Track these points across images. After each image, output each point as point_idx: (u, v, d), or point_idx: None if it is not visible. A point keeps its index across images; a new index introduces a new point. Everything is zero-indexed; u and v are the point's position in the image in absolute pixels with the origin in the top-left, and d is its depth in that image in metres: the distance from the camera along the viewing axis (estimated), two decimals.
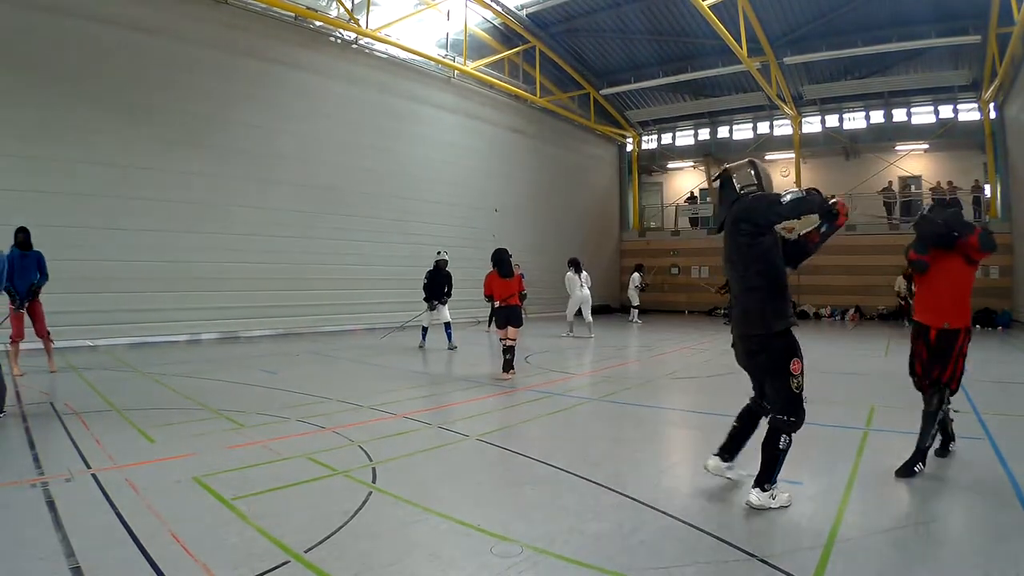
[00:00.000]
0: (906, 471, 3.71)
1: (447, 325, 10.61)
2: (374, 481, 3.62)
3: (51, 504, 3.13)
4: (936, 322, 3.92)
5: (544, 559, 2.60)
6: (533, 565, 2.54)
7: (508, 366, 7.47)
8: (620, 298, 23.77)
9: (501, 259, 7.64)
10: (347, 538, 2.80)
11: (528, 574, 2.47)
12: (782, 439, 3.22)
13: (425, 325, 10.74)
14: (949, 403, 3.96)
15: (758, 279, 3.22)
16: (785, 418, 3.22)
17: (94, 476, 3.60)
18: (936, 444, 4.02)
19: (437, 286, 10.52)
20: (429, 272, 10.67)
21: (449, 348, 10.38)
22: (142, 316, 10.82)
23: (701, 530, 2.89)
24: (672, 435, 5.19)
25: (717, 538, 2.79)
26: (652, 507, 3.19)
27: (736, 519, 3.07)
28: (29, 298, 7.30)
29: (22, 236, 7.38)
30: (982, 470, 3.88)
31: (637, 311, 17.51)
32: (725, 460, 3.55)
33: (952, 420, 4.14)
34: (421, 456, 4.26)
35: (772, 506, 3.22)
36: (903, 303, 16.97)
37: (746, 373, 3.52)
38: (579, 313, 13.18)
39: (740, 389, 6.87)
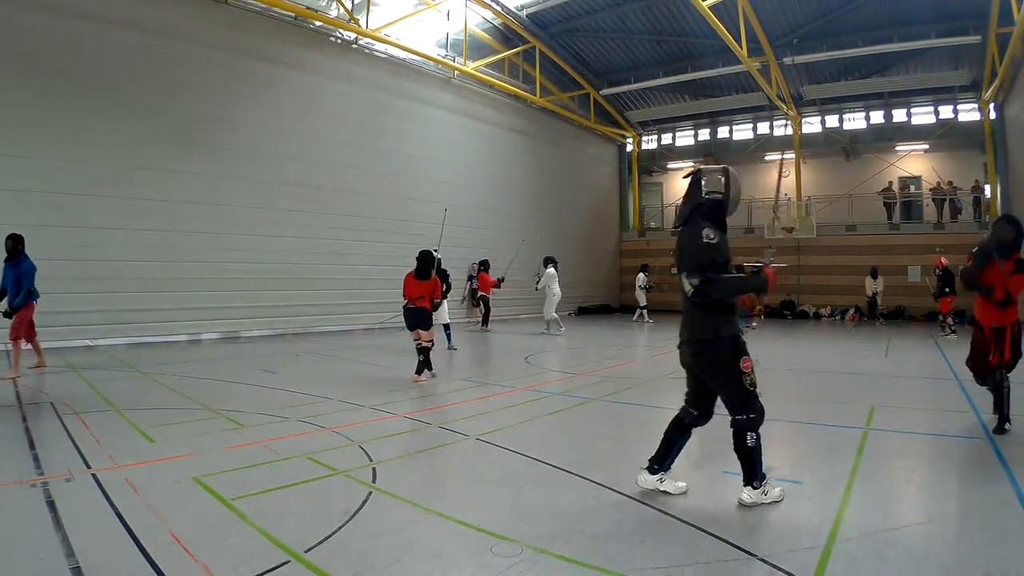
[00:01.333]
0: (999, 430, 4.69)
1: (446, 326, 10.54)
2: (374, 481, 3.62)
3: (51, 504, 3.13)
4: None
5: (544, 559, 2.60)
6: (533, 565, 2.54)
7: (421, 368, 7.23)
8: (620, 298, 23.79)
9: (421, 260, 7.41)
10: (347, 538, 2.80)
11: (528, 574, 2.47)
12: (748, 437, 3.23)
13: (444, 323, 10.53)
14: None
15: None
16: (744, 417, 3.23)
17: (94, 476, 3.60)
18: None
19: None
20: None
21: (449, 349, 10.35)
22: (142, 316, 10.82)
23: (701, 530, 2.89)
24: None
25: (717, 538, 2.79)
26: (652, 507, 3.19)
27: (736, 519, 3.07)
28: (9, 315, 7.13)
29: (10, 244, 7.14)
30: (982, 470, 3.88)
31: (646, 311, 17.59)
32: (654, 472, 3.43)
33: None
34: (421, 456, 4.26)
35: (765, 501, 3.23)
36: (870, 301, 16.99)
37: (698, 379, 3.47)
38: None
39: None
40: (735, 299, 3.36)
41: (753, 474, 3.24)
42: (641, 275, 17.62)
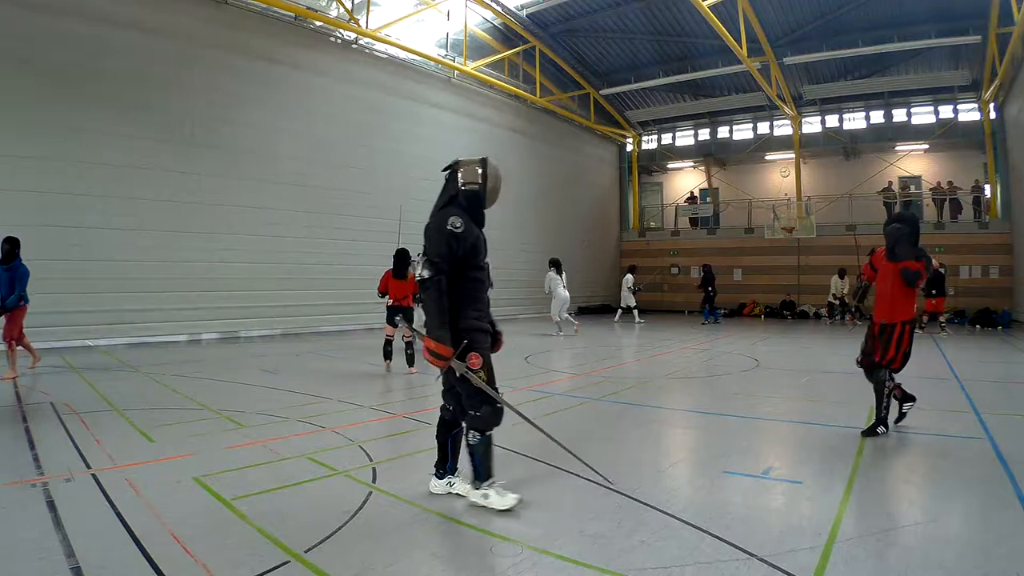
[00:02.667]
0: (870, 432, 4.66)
1: None
2: (374, 481, 3.62)
3: (51, 504, 3.13)
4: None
5: (544, 559, 2.60)
6: (533, 565, 2.54)
7: (411, 360, 7.79)
8: (620, 298, 23.76)
9: (398, 260, 7.79)
10: (347, 538, 2.80)
11: (528, 574, 2.47)
12: (471, 435, 3.18)
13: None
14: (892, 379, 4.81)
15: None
16: (472, 414, 3.17)
17: (94, 476, 3.60)
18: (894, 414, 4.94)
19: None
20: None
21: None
22: (142, 316, 10.82)
23: (701, 530, 2.89)
24: (672, 435, 5.19)
25: (717, 538, 2.79)
26: (652, 507, 3.19)
27: (736, 519, 3.06)
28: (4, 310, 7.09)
29: (7, 247, 7.12)
30: (982, 470, 3.88)
31: (637, 311, 17.54)
32: (440, 476, 3.39)
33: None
34: (421, 456, 4.25)
35: (482, 504, 3.15)
36: (837, 301, 16.99)
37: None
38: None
39: (739, 389, 6.89)
40: (478, 294, 3.24)
41: (476, 473, 3.20)
42: (629, 276, 17.68)
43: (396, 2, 14.95)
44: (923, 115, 19.89)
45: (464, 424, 3.23)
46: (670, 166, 24.84)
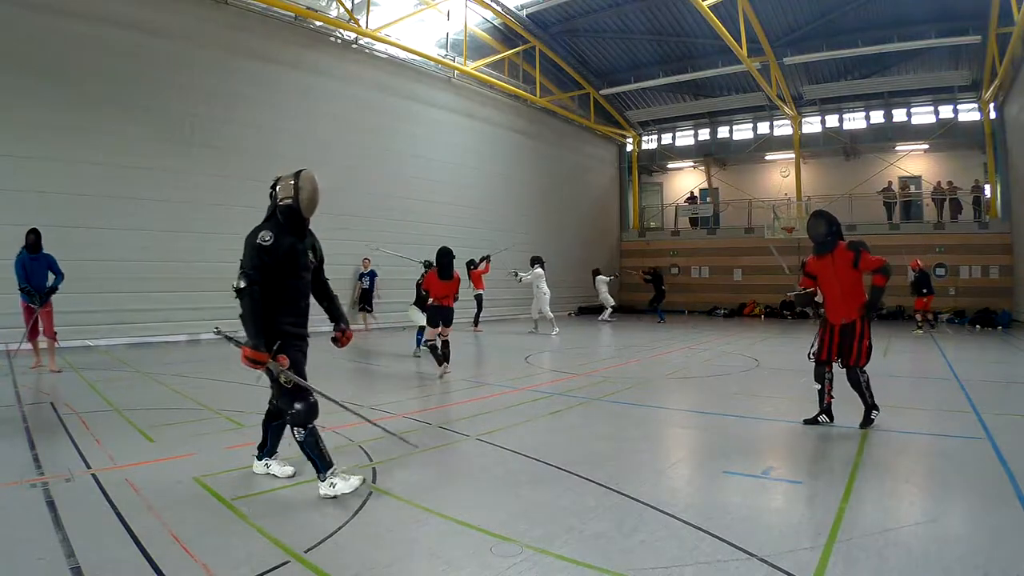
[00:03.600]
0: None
1: (421, 328, 10.39)
2: (374, 481, 3.62)
3: (51, 504, 3.13)
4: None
5: (544, 559, 2.60)
6: (533, 565, 2.54)
7: (444, 359, 7.54)
8: (620, 298, 23.74)
9: (443, 261, 7.59)
10: (347, 538, 2.80)
11: (528, 574, 2.47)
12: (296, 432, 3.33)
13: (421, 325, 10.43)
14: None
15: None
16: (289, 412, 3.31)
17: (94, 476, 3.60)
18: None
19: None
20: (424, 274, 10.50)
21: (414, 355, 10.16)
22: (142, 316, 10.81)
23: (701, 530, 2.89)
24: (672, 435, 5.19)
25: (717, 538, 2.79)
26: (652, 507, 3.19)
27: (736, 519, 3.06)
28: (45, 298, 7.51)
29: (33, 238, 7.51)
30: (982, 470, 3.88)
31: (609, 311, 18.02)
32: (259, 459, 3.67)
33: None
34: (421, 456, 4.26)
35: (334, 493, 3.26)
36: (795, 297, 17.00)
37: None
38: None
39: (739, 389, 6.89)
40: (295, 301, 3.59)
41: (317, 467, 3.33)
42: (601, 276, 18.09)
43: (396, 2, 14.95)
44: (923, 115, 19.89)
45: (287, 422, 3.39)
46: (670, 166, 24.84)
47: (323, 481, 3.30)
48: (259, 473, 3.68)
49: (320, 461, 3.32)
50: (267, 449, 3.73)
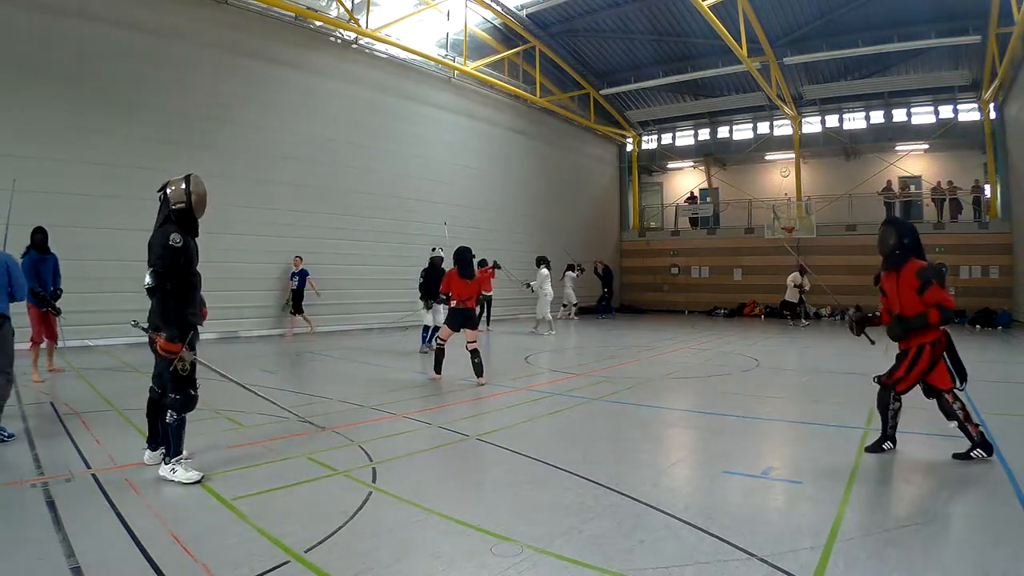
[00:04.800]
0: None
1: (430, 328, 10.16)
2: (374, 481, 3.62)
3: (51, 504, 3.13)
4: None
5: (544, 559, 2.60)
6: (533, 565, 2.54)
7: (480, 370, 7.06)
8: (620, 298, 23.76)
9: (463, 258, 7.22)
10: (347, 538, 2.80)
11: (528, 574, 2.47)
12: (169, 415, 3.59)
13: (427, 324, 10.24)
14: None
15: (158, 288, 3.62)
16: (172, 397, 3.60)
17: (94, 476, 3.60)
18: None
19: (432, 285, 9.92)
20: (424, 270, 10.39)
21: (421, 351, 10.11)
22: (142, 316, 10.77)
23: (701, 530, 2.89)
24: (672, 435, 5.19)
25: (717, 538, 2.79)
26: (652, 507, 3.19)
27: (736, 519, 3.06)
28: (52, 301, 7.23)
29: (40, 236, 7.31)
30: (982, 470, 3.88)
31: (575, 308, 18.19)
32: (154, 449, 3.85)
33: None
34: (421, 456, 4.26)
35: (172, 479, 3.51)
36: (796, 301, 16.88)
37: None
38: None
39: (740, 389, 6.89)
40: (192, 296, 3.77)
41: (168, 451, 3.60)
42: (569, 273, 17.99)
43: (396, 2, 14.95)
44: (923, 115, 19.88)
45: (164, 404, 3.66)
46: (670, 166, 24.84)
47: (167, 465, 3.56)
48: (151, 463, 3.78)
49: (177, 447, 3.59)
50: (160, 437, 3.80)
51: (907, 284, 4.11)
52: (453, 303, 7.27)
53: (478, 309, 14.52)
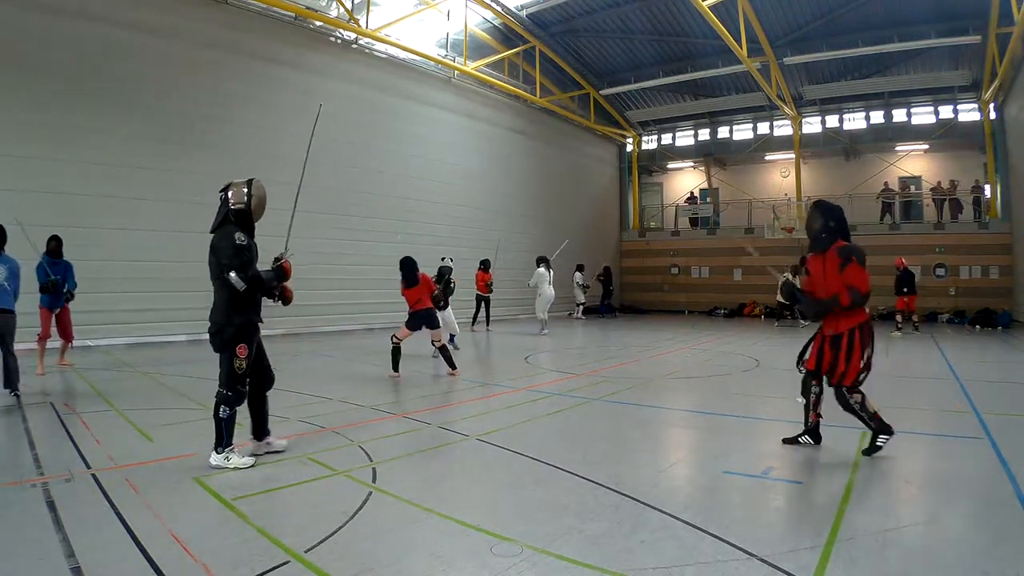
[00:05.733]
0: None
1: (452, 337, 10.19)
2: (374, 481, 3.62)
3: (51, 504, 3.13)
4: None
5: (544, 559, 2.60)
6: (533, 565, 2.54)
7: (451, 363, 7.63)
8: (621, 298, 23.77)
9: (405, 267, 7.66)
10: (347, 538, 2.80)
11: (528, 574, 2.47)
12: (221, 409, 3.78)
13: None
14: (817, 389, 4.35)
15: (222, 285, 3.86)
16: (225, 391, 3.79)
17: (94, 476, 3.60)
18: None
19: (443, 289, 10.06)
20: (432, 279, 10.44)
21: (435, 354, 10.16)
22: (142, 316, 10.81)
23: (701, 530, 2.89)
24: (672, 435, 5.19)
25: (717, 538, 2.79)
26: (652, 507, 3.19)
27: (736, 519, 3.07)
28: (62, 301, 7.80)
29: (54, 244, 7.89)
30: (982, 470, 3.88)
31: (581, 308, 18.69)
32: (260, 439, 4.08)
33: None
34: (421, 456, 4.26)
35: (227, 466, 3.76)
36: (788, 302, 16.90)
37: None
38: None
39: (740, 389, 6.89)
40: (259, 294, 4.06)
41: (220, 441, 3.80)
42: (578, 274, 18.42)
43: (396, 2, 14.95)
44: (923, 115, 19.88)
45: (216, 397, 3.83)
46: (670, 166, 24.84)
47: (219, 454, 3.79)
48: (256, 453, 4.01)
49: (227, 437, 3.80)
50: (261, 431, 4.09)
51: (832, 264, 4.15)
52: (410, 310, 7.73)
53: (481, 307, 14.59)
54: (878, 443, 4.12)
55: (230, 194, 3.98)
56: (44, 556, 2.57)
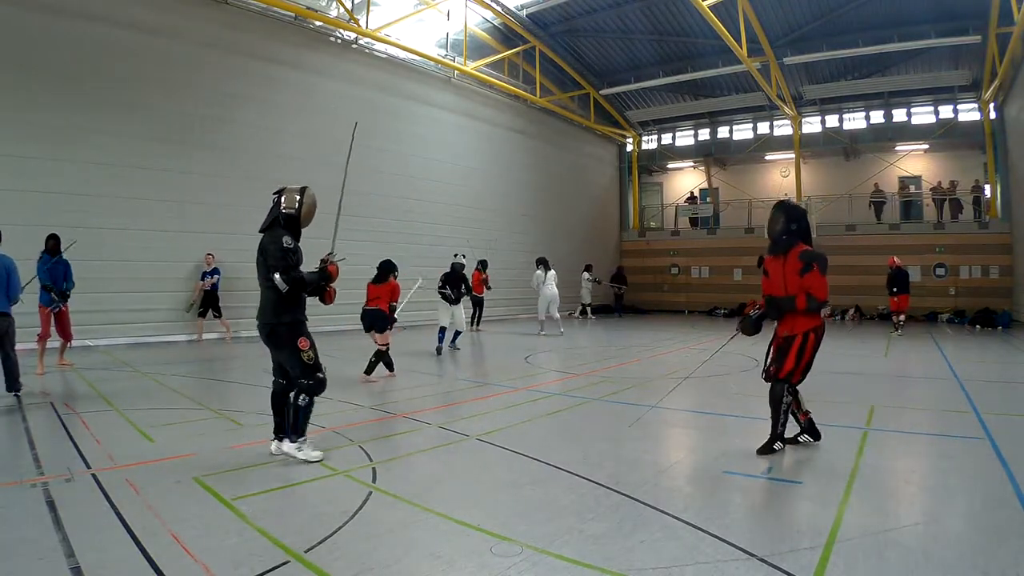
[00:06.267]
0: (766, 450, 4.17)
1: (456, 332, 10.35)
2: (374, 481, 3.62)
3: (51, 504, 3.13)
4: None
5: (544, 559, 2.60)
6: (533, 565, 2.54)
7: (372, 369, 7.34)
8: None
9: (381, 268, 7.87)
10: (347, 538, 2.80)
11: (528, 574, 2.47)
12: (301, 397, 3.97)
13: (443, 325, 10.10)
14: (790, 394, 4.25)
15: (269, 286, 3.98)
16: (304, 381, 3.98)
17: (94, 476, 3.60)
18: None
19: (453, 287, 10.15)
20: (444, 274, 10.38)
21: (451, 347, 10.39)
22: (142, 316, 10.81)
23: (701, 530, 2.89)
24: (672, 435, 5.19)
25: (717, 538, 2.79)
26: (652, 507, 3.19)
27: (736, 519, 3.07)
28: (62, 301, 7.84)
29: (52, 242, 7.86)
30: (982, 470, 3.88)
31: (589, 308, 18.81)
32: (281, 439, 4.12)
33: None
34: (421, 456, 4.26)
35: (298, 456, 3.92)
36: None
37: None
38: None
39: (740, 389, 6.89)
40: (304, 294, 4.16)
41: (296, 431, 3.96)
42: (585, 274, 18.49)
43: (396, 2, 14.95)
44: (923, 115, 19.88)
45: (295, 390, 3.99)
46: (670, 166, 24.83)
47: (292, 444, 3.94)
48: (277, 454, 4.05)
49: (302, 427, 3.96)
50: (285, 431, 4.13)
51: (792, 267, 4.12)
52: (363, 305, 7.83)
53: (468, 309, 14.59)
54: (773, 448, 4.19)
55: (283, 199, 4.19)
56: (44, 556, 2.56)
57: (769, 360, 4.34)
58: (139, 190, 10.75)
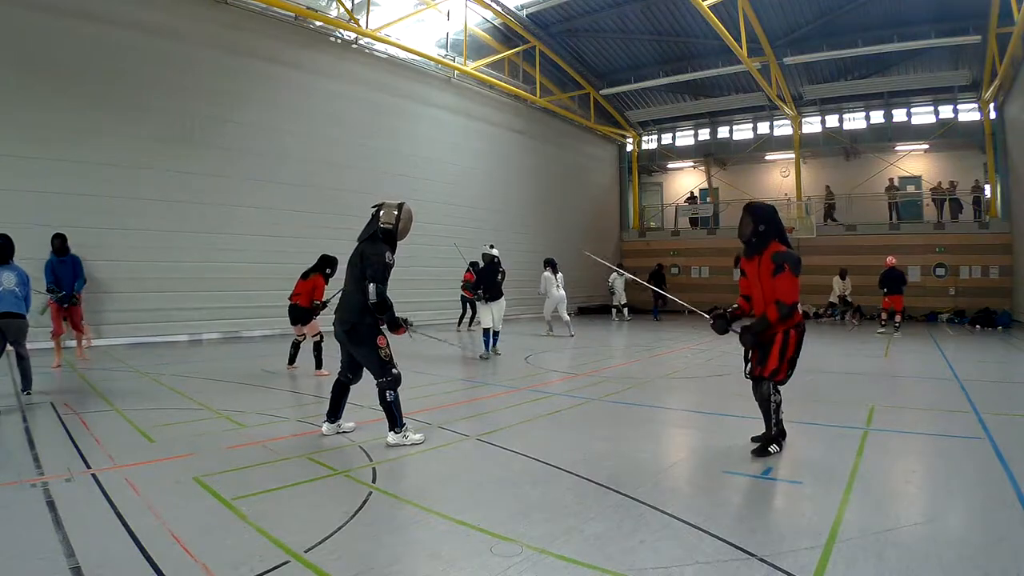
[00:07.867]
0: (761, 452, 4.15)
1: (494, 332, 9.74)
2: (374, 481, 3.62)
3: (51, 504, 3.13)
4: None
5: (544, 559, 2.60)
6: (533, 565, 2.54)
7: (290, 361, 7.89)
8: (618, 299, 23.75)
9: (319, 259, 8.10)
10: (347, 538, 2.80)
11: (528, 574, 2.47)
12: (387, 394, 4.29)
13: (486, 327, 9.61)
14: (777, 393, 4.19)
15: (360, 289, 4.27)
16: (384, 379, 4.29)
17: (94, 476, 3.60)
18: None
19: (487, 282, 9.68)
20: (480, 269, 10.11)
21: (483, 356, 9.58)
22: (142, 316, 10.81)
23: (701, 530, 2.89)
24: (672, 435, 5.19)
25: (717, 538, 2.79)
26: (652, 507, 3.19)
27: (736, 519, 3.07)
28: (73, 300, 8.06)
29: (59, 242, 8.13)
30: (982, 470, 3.88)
31: (627, 309, 18.64)
32: (333, 422, 4.60)
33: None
34: (421, 456, 4.26)
35: (406, 443, 4.29)
36: (838, 301, 16.84)
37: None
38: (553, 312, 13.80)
39: (740, 389, 6.88)
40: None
41: (394, 423, 4.33)
42: (615, 273, 18.27)
43: (396, 2, 14.95)
44: (923, 115, 19.89)
45: (379, 391, 4.33)
46: (670, 166, 24.83)
47: (397, 434, 4.32)
48: (329, 434, 4.56)
49: (399, 418, 4.33)
50: (338, 414, 4.63)
51: (766, 268, 4.10)
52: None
53: (466, 308, 14.61)
54: (769, 450, 4.14)
55: (381, 213, 4.45)
56: (44, 556, 2.56)
57: (751, 358, 4.27)
58: (140, 190, 10.75)
